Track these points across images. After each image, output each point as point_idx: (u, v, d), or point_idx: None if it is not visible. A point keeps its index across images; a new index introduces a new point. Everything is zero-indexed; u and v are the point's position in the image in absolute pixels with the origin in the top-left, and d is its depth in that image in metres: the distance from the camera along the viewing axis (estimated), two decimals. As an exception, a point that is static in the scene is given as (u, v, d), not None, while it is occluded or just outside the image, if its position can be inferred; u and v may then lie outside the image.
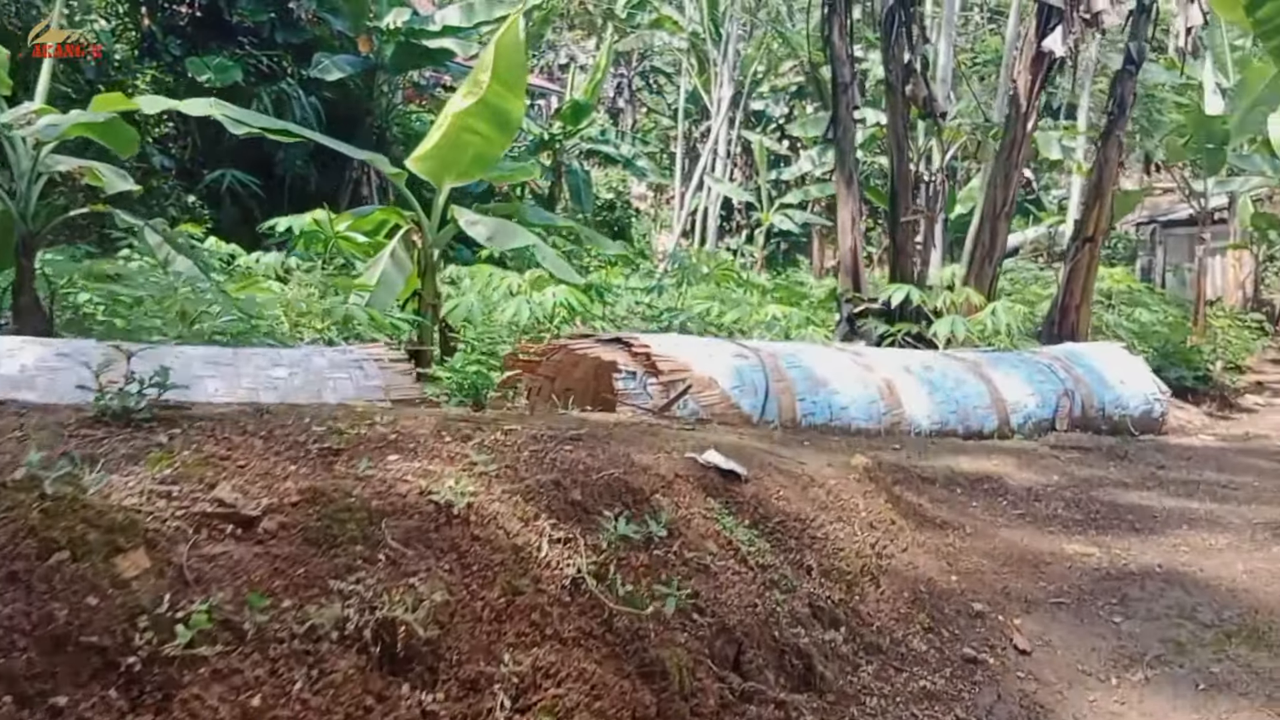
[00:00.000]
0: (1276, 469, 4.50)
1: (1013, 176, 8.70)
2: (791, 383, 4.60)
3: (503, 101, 6.77)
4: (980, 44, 26.45)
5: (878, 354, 5.12)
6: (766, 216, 20.53)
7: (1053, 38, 8.12)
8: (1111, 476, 4.05)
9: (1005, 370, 5.45)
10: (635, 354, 4.30)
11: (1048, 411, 5.49)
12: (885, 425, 4.84)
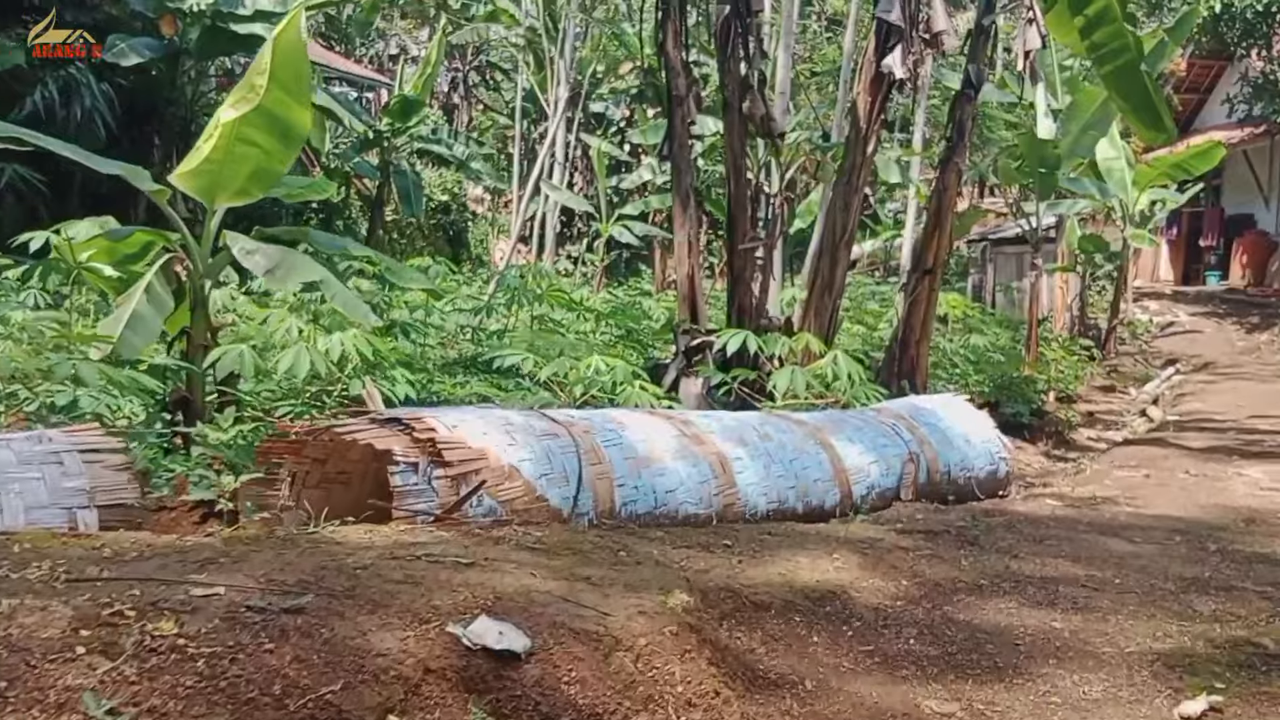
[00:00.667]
0: (1132, 553, 4.14)
1: (853, 203, 8.34)
2: (610, 465, 3.96)
3: (284, 110, 5.90)
4: (818, 54, 26.61)
5: (710, 421, 4.54)
6: (606, 228, 19.95)
7: (892, 58, 7.78)
8: (965, 579, 3.57)
9: (848, 435, 4.96)
10: (418, 439, 3.57)
11: (892, 480, 5.04)
12: (718, 508, 4.26)
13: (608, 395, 5.28)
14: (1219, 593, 3.51)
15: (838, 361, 5.95)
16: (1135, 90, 8.85)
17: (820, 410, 5.51)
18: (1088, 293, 16.60)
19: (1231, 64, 23.13)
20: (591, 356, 5.44)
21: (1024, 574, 3.71)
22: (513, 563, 2.76)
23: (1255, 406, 10.66)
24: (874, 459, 4.97)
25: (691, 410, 8.46)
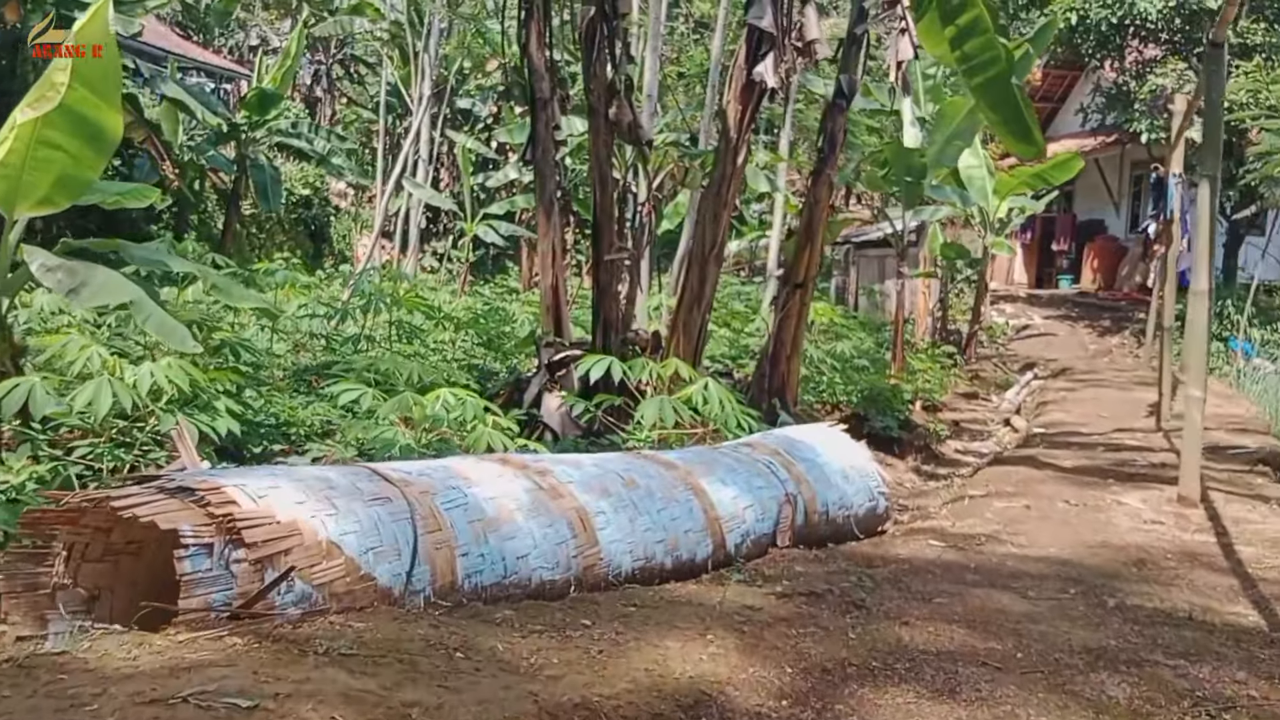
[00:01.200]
0: (1029, 614, 3.82)
1: (722, 215, 7.96)
2: (452, 532, 3.41)
3: (91, 110, 5.17)
4: (686, 55, 26.37)
5: (569, 470, 4.02)
6: (471, 227, 19.21)
7: (764, 66, 7.42)
8: (856, 659, 3.16)
9: (720, 477, 4.53)
10: (215, 515, 2.96)
11: (768, 525, 4.63)
12: (577, 571, 3.76)
13: (457, 431, 4.72)
14: (1130, 669, 3.19)
15: (708, 389, 5.52)
16: (1006, 103, 8.70)
17: (691, 446, 5.06)
18: (948, 298, 16.71)
19: (1085, 74, 23.85)
20: (439, 389, 4.86)
21: (919, 649, 3.32)
22: (312, 696, 2.20)
23: (1116, 416, 10.76)
24: (749, 503, 4.54)
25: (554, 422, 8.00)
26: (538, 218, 9.08)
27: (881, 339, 17.08)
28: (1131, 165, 24.25)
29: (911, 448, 9.39)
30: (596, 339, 8.19)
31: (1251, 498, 6.37)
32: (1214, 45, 6.04)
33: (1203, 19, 19.89)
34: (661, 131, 18.53)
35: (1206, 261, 6.02)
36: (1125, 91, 20.70)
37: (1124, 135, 21.77)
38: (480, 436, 4.49)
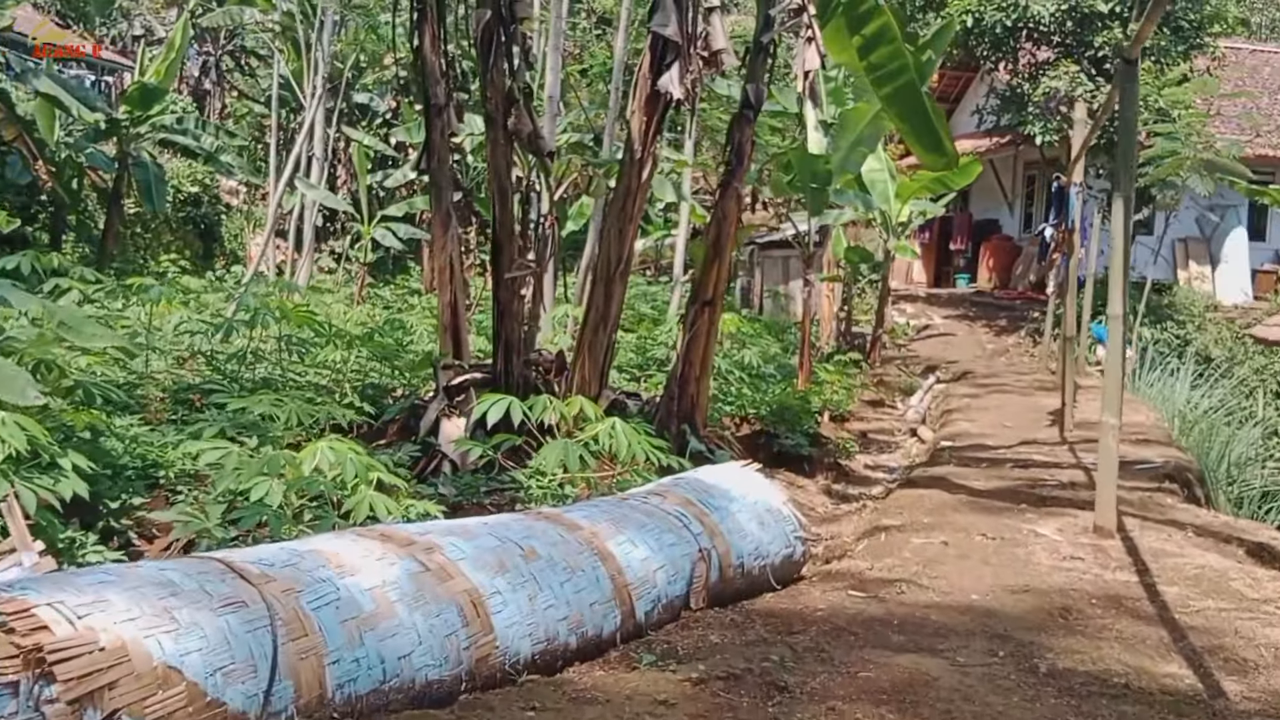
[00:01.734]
0: (961, 689, 3.50)
1: (628, 231, 7.54)
2: (320, 636, 2.93)
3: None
4: (589, 53, 25.86)
5: (460, 544, 3.57)
6: (367, 230, 18.41)
7: (669, 76, 7.02)
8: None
9: (630, 536, 4.12)
10: (22, 645, 2.44)
11: (680, 585, 4.24)
12: (469, 665, 3.30)
13: (336, 492, 4.20)
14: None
15: (615, 429, 5.10)
16: (916, 114, 8.45)
17: (597, 497, 4.64)
18: (852, 300, 16.61)
19: (979, 76, 24.10)
20: (316, 443, 4.33)
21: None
22: None
23: (1020, 426, 10.69)
24: (660, 564, 4.14)
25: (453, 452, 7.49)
26: (433, 231, 8.55)
27: (787, 342, 16.92)
28: (1025, 166, 24.61)
29: (822, 465, 9.13)
30: (498, 362, 7.72)
31: (1166, 524, 6.23)
32: (1126, 62, 5.84)
33: (1094, 22, 20.21)
34: (565, 131, 18.05)
35: (1121, 284, 5.83)
36: (1019, 94, 20.92)
37: (1018, 136, 22.04)
38: (362, 502, 3.99)
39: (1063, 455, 8.86)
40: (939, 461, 8.70)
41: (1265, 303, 21.70)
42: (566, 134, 17.39)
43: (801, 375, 12.33)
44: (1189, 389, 13.75)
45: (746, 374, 12.02)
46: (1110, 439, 5.81)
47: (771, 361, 14.15)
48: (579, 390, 7.69)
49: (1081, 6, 19.85)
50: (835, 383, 11.59)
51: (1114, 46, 19.78)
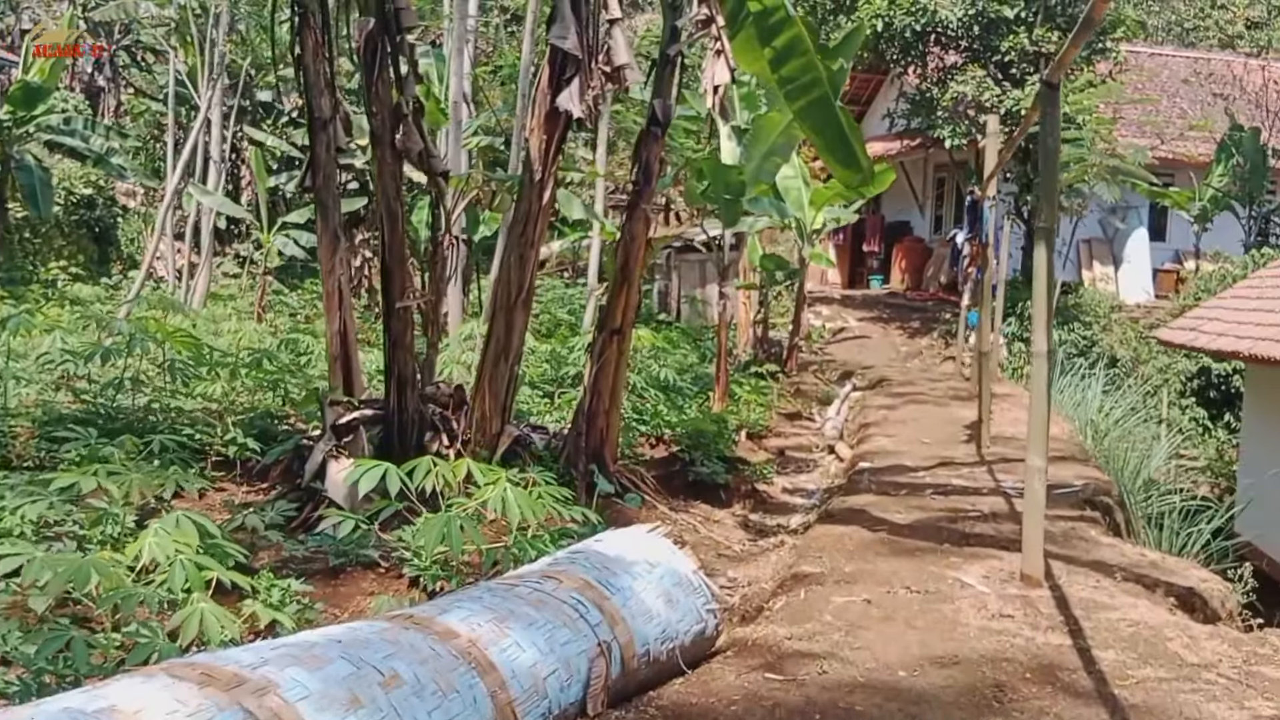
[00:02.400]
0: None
1: (529, 258, 6.95)
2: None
3: None
4: (500, 53, 25.06)
5: (304, 675, 2.95)
6: (267, 238, 17.42)
7: (569, 93, 6.44)
8: None
9: (516, 638, 3.55)
10: None
11: (576, 690, 3.68)
12: (311, 829, 2.71)
13: (170, 597, 3.54)
14: None
15: (507, 496, 4.51)
16: (830, 127, 7.99)
17: (482, 588, 4.05)
18: (769, 307, 16.22)
19: (889, 79, 23.96)
20: (146, 537, 3.65)
21: None
22: None
23: (937, 442, 10.38)
24: (552, 668, 3.58)
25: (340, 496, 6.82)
26: (320, 252, 7.86)
27: (704, 350, 16.48)
28: (935, 169, 24.59)
29: (738, 493, 8.66)
30: (390, 398, 7.07)
31: (1093, 567, 5.87)
32: (1049, 85, 5.44)
33: (1000, 27, 20.14)
34: (475, 134, 17.33)
35: (1045, 321, 5.43)
36: (929, 97, 20.78)
37: (928, 140, 21.95)
38: (191, 618, 3.32)
39: (981, 478, 8.52)
40: (857, 488, 8.28)
41: (1167, 301, 21.95)
42: (477, 137, 16.73)
43: (718, 391, 11.88)
44: (1100, 395, 13.62)
45: (662, 391, 11.52)
46: (1036, 483, 5.41)
47: (688, 373, 13.68)
48: (479, 428, 7.11)
49: (988, 12, 19.76)
50: (752, 401, 11.14)
51: (1019, 52, 19.74)
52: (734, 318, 15.26)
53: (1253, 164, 20.00)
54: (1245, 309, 14.38)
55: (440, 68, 14.25)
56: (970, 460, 9.36)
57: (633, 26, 31.11)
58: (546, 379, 12.85)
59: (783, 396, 13.92)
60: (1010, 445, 10.10)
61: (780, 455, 10.71)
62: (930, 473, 8.82)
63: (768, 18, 7.72)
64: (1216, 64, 24.55)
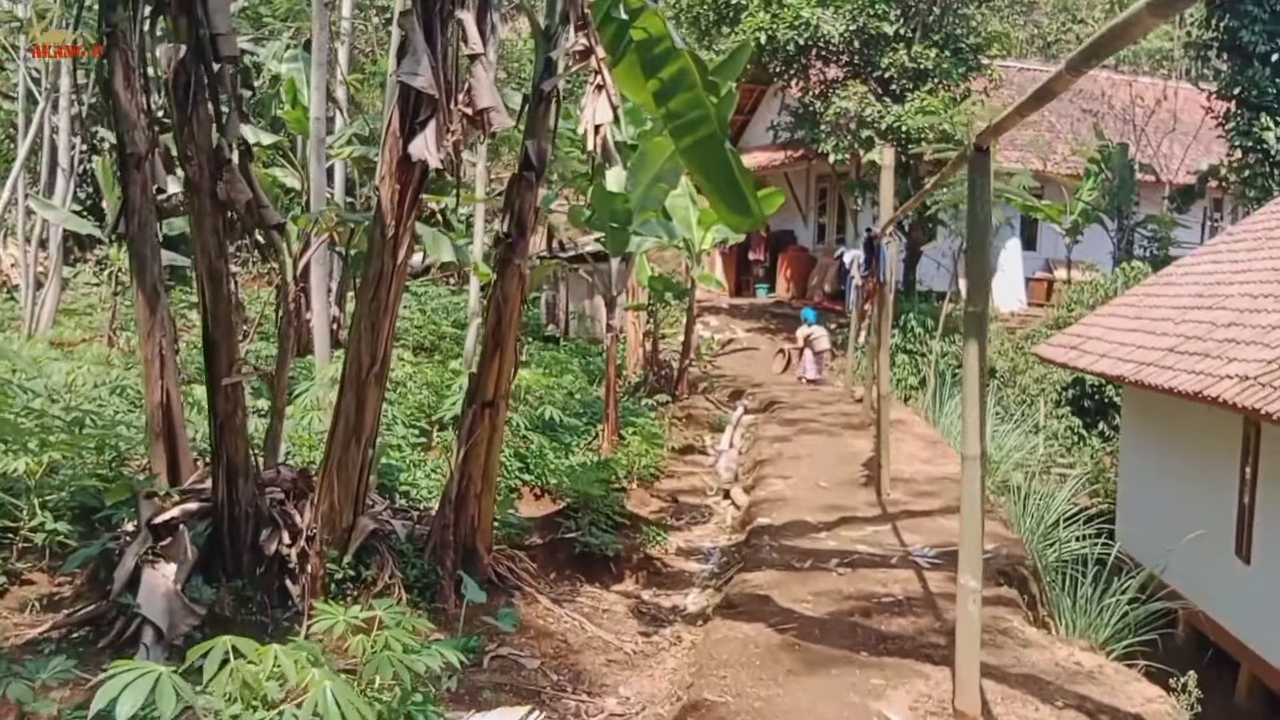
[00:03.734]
0: None
1: (383, 325, 5.72)
2: None
3: None
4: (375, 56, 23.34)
5: None
6: (116, 255, 15.53)
7: (423, 139, 5.24)
8: None
9: None
10: None
11: None
12: None
13: None
14: None
15: (329, 696, 3.34)
16: (718, 170, 6.98)
17: None
18: (657, 330, 15.21)
19: (772, 90, 23.22)
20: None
21: None
22: None
23: (835, 483, 9.56)
24: None
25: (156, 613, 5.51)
26: (137, 312, 6.48)
27: (592, 369, 15.40)
28: (817, 179, 23.99)
29: (630, 564, 7.60)
30: (218, 489, 5.77)
31: (1028, 686, 5.00)
32: (978, 150, 4.50)
33: (880, 43, 19.54)
34: (349, 143, 15.78)
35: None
36: (812, 111, 20.08)
37: (810, 151, 21.27)
38: None
39: (887, 540, 7.67)
40: (758, 555, 7.31)
41: (1040, 309, 21.82)
42: (350, 146, 15.21)
43: (607, 429, 10.81)
44: (993, 424, 13.05)
45: (547, 433, 10.40)
46: (971, 607, 4.51)
47: (577, 397, 12.58)
48: (327, 522, 5.86)
49: (868, 28, 19.13)
50: (643, 451, 10.10)
51: (899, 68, 19.17)
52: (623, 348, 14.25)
53: (1121, 179, 19.92)
54: (1124, 328, 14.02)
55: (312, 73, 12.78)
56: (872, 513, 8.52)
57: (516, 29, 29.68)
58: (425, 409, 11.60)
59: (673, 425, 12.95)
60: (909, 489, 9.32)
61: (674, 502, 9.71)
62: (832, 532, 7.93)
63: (652, 47, 6.64)
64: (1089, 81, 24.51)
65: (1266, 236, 14.24)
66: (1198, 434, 12.02)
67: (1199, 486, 12.06)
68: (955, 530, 7.85)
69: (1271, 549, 10.36)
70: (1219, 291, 13.05)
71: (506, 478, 8.99)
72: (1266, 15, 18.81)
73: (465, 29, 5.27)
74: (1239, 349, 10.67)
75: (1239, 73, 19.29)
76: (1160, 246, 20.61)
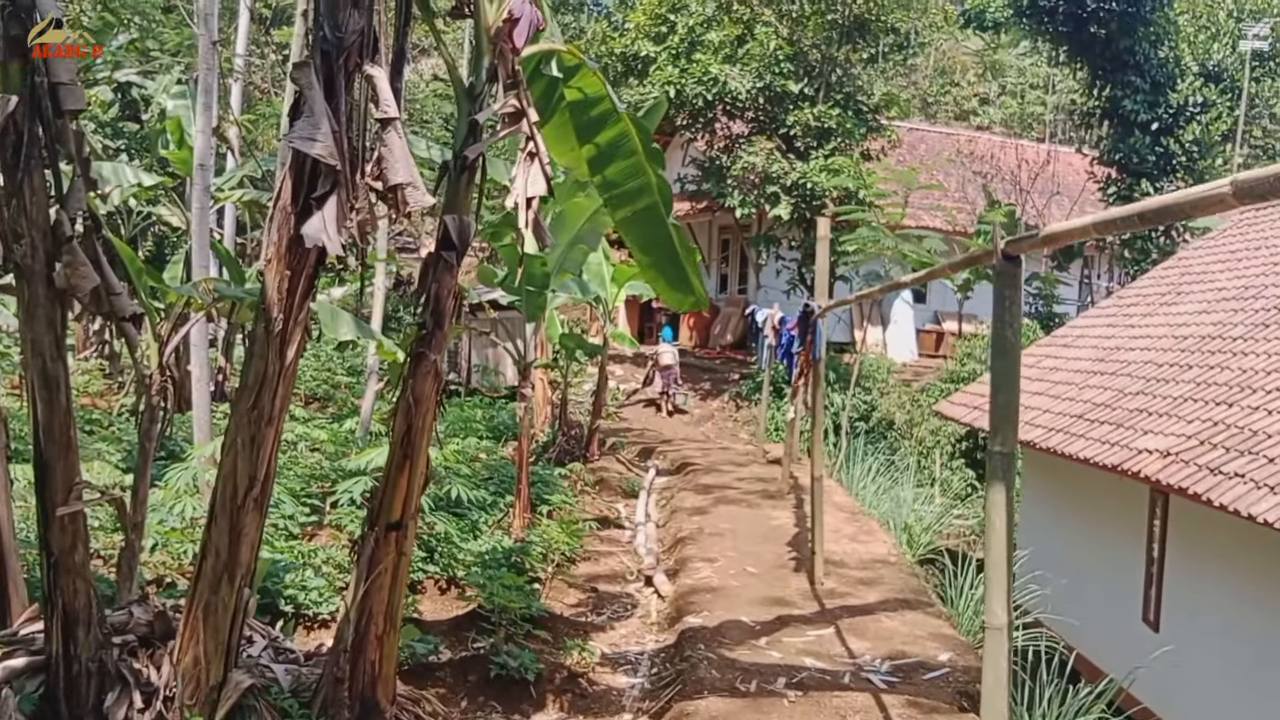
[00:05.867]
0: None
1: (266, 439, 4.45)
2: None
3: None
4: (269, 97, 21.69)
5: None
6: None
7: (320, 219, 4.04)
8: None
9: None
10: None
11: None
12: None
13: None
14: None
15: None
16: (659, 245, 6.01)
17: None
18: (567, 390, 14.08)
19: (677, 142, 22.52)
20: None
21: None
22: None
23: (764, 569, 8.62)
24: None
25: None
26: (-39, 412, 5.03)
27: (498, 424, 14.17)
28: (720, 230, 23.34)
29: (552, 685, 6.42)
30: (52, 641, 4.40)
31: None
32: (1007, 259, 3.57)
33: (785, 101, 18.99)
34: (239, 185, 14.21)
35: (1004, 592, 3.56)
36: (718, 165, 19.39)
37: (714, 203, 20.58)
38: None
39: (834, 649, 6.70)
40: (695, 675, 6.24)
41: (932, 360, 21.53)
42: (240, 189, 13.68)
43: (519, 505, 9.61)
44: (913, 490, 12.34)
45: (455, 512, 9.15)
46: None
47: (482, 467, 11.33)
48: (189, 678, 4.54)
49: (774, 86, 18.56)
50: (558, 538, 8.93)
51: (804, 126, 18.64)
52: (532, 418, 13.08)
53: (1008, 238, 19.78)
54: (1027, 390, 13.57)
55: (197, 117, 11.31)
56: (810, 609, 7.57)
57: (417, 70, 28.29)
58: (318, 475, 10.22)
59: (585, 493, 11.82)
60: (843, 577, 8.43)
61: (594, 593, 8.57)
62: (773, 638, 6.92)
63: (588, 109, 5.60)
64: (979, 143, 24.58)
65: (1159, 300, 14.05)
66: (1103, 500, 11.57)
67: (1105, 552, 11.60)
68: (903, 634, 6.99)
69: (1180, 616, 9.91)
70: (1119, 357, 12.71)
71: (410, 572, 7.72)
72: (1148, 85, 19.01)
73: (376, 87, 4.11)
74: (1152, 420, 10.22)
75: (1120, 140, 19.41)
76: (1045, 304, 20.58)
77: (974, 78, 35.54)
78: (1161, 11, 19.30)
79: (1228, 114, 20.47)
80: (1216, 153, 20.79)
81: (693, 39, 18.74)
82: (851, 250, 15.89)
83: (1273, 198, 2.22)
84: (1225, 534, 8.97)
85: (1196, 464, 8.75)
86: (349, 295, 20.12)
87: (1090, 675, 9.93)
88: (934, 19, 20.84)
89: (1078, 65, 20.61)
